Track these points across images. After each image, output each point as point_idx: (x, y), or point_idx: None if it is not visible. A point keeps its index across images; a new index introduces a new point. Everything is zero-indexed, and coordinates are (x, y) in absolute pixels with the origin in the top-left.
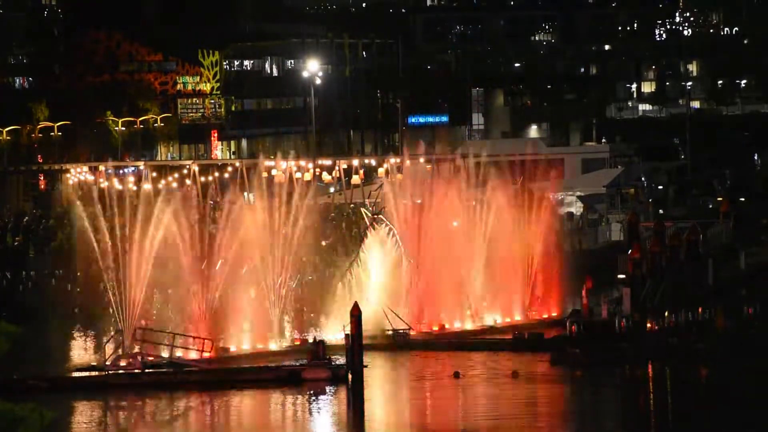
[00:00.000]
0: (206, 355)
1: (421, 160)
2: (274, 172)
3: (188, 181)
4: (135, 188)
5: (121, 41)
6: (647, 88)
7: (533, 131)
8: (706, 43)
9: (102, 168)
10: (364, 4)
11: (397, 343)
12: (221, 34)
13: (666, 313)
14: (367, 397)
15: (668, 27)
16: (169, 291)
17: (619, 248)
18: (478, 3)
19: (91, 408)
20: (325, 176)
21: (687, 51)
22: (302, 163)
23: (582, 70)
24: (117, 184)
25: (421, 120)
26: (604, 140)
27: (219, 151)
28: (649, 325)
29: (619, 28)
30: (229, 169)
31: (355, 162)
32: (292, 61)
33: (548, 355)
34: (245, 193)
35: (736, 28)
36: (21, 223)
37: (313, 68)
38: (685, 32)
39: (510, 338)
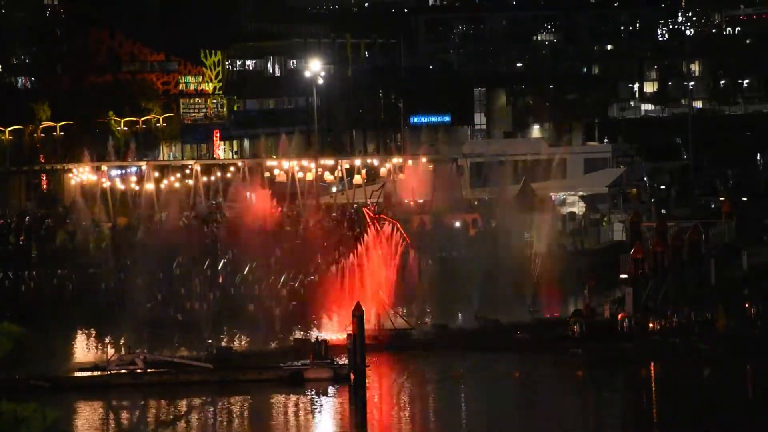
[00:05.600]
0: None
1: (423, 160)
2: (276, 171)
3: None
4: (137, 188)
5: (124, 41)
6: (649, 87)
7: (535, 131)
8: (709, 43)
9: (104, 168)
10: (366, 4)
11: (399, 343)
12: (223, 34)
13: (668, 313)
14: (369, 397)
15: (670, 27)
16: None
17: (621, 248)
18: (480, 3)
19: (94, 408)
20: (327, 176)
21: (689, 51)
22: (304, 163)
23: (584, 69)
24: (119, 184)
25: (423, 120)
26: (606, 140)
27: (221, 151)
28: (651, 325)
29: (621, 27)
30: (232, 169)
31: (357, 162)
32: (294, 61)
33: (550, 355)
34: (247, 193)
35: (738, 28)
36: (23, 223)
37: (315, 68)
38: (688, 32)
39: (512, 338)
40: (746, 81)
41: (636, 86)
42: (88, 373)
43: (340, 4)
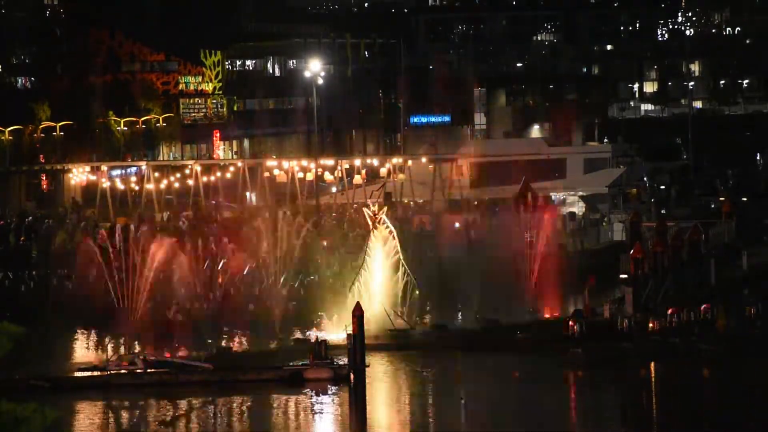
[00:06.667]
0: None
1: (423, 160)
2: (276, 172)
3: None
4: (137, 188)
5: (124, 41)
6: (649, 88)
7: (535, 131)
8: (708, 43)
9: (104, 168)
10: (366, 4)
11: (398, 343)
12: (223, 34)
13: (668, 313)
14: (368, 397)
15: (670, 27)
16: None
17: (621, 248)
18: (480, 3)
19: (93, 408)
20: (327, 176)
21: (689, 51)
22: (304, 163)
23: (584, 70)
24: (119, 184)
25: (423, 120)
26: (606, 140)
27: (221, 151)
28: (651, 324)
29: (621, 28)
30: (231, 169)
31: (357, 162)
32: (294, 60)
33: (550, 355)
34: (247, 193)
35: (738, 28)
36: (23, 223)
37: (315, 68)
38: (687, 32)
39: (512, 338)
40: (746, 81)
41: (636, 86)
42: (88, 373)
43: (340, 4)
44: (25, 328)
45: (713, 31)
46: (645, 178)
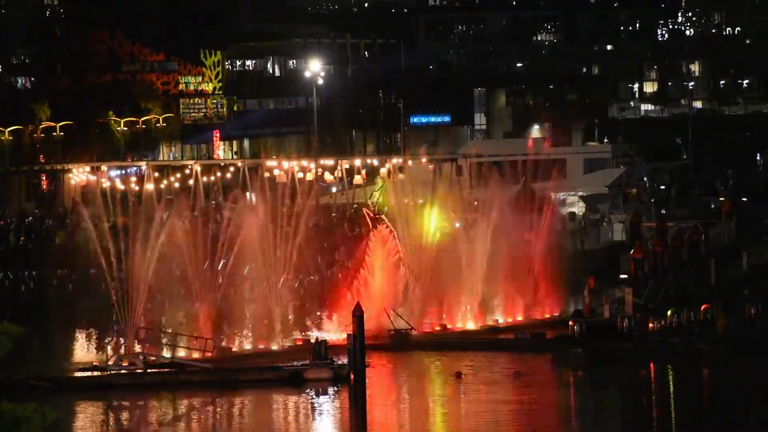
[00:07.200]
0: (208, 355)
1: (423, 160)
2: (276, 172)
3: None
4: (137, 188)
5: (124, 41)
6: (649, 88)
7: (535, 131)
8: (709, 43)
9: (104, 168)
10: (366, 4)
11: (399, 343)
12: (223, 34)
13: (668, 313)
14: (368, 397)
15: (670, 27)
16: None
17: (621, 248)
18: (480, 3)
19: (93, 408)
20: (327, 176)
21: (689, 51)
22: (304, 163)
23: (584, 70)
24: (119, 184)
25: (423, 120)
26: (606, 140)
27: (221, 151)
28: (651, 325)
29: (621, 28)
30: (231, 169)
31: (357, 162)
32: (294, 61)
33: (550, 355)
34: (247, 193)
35: (738, 28)
36: (23, 223)
37: (315, 68)
38: (687, 32)
39: (512, 338)
40: (746, 81)
41: (636, 86)
42: (89, 374)
43: (340, 4)
44: (25, 328)
45: (713, 31)
46: (645, 178)
